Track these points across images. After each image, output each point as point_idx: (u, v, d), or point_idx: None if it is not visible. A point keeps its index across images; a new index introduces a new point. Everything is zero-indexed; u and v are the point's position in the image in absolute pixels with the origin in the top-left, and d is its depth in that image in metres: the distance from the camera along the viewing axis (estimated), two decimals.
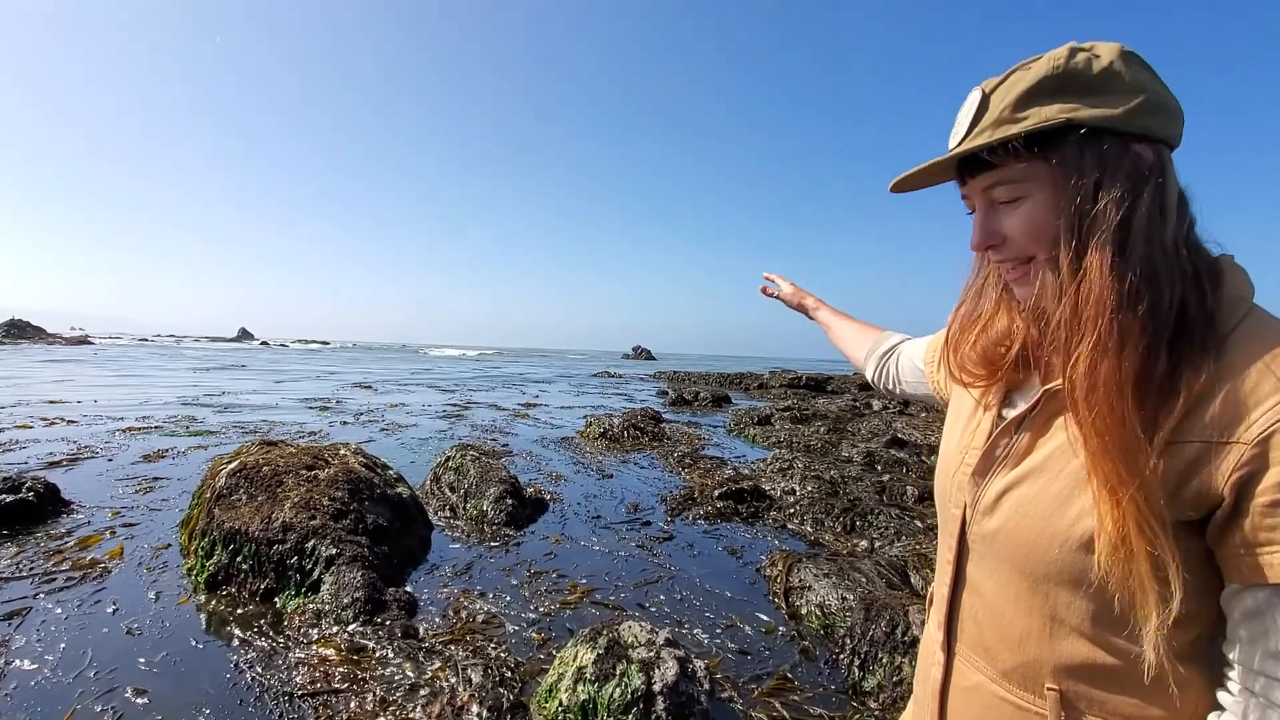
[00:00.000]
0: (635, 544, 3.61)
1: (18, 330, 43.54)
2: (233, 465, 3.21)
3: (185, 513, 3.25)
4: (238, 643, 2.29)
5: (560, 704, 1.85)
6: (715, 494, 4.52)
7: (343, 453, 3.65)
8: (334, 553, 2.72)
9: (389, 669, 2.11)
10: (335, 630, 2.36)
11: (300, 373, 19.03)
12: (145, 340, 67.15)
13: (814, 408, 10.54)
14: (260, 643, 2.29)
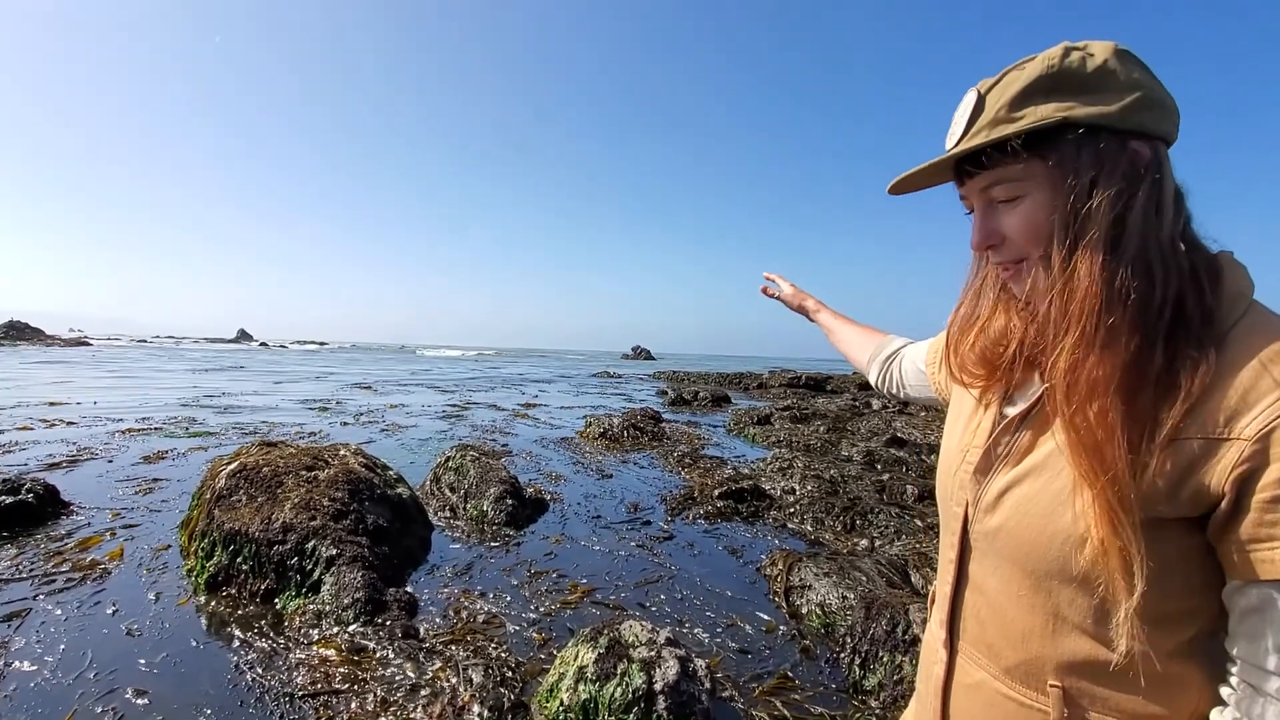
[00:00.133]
0: (635, 544, 3.62)
1: (16, 332, 43.49)
2: (233, 466, 3.21)
3: (185, 514, 3.25)
4: (238, 643, 2.29)
5: (561, 704, 1.85)
6: (715, 493, 4.52)
7: (343, 453, 3.65)
8: (334, 553, 2.72)
9: (390, 669, 2.11)
10: (336, 631, 2.36)
11: (299, 373, 19.01)
12: (144, 341, 67.07)
13: (813, 407, 10.55)
14: (261, 643, 2.29)
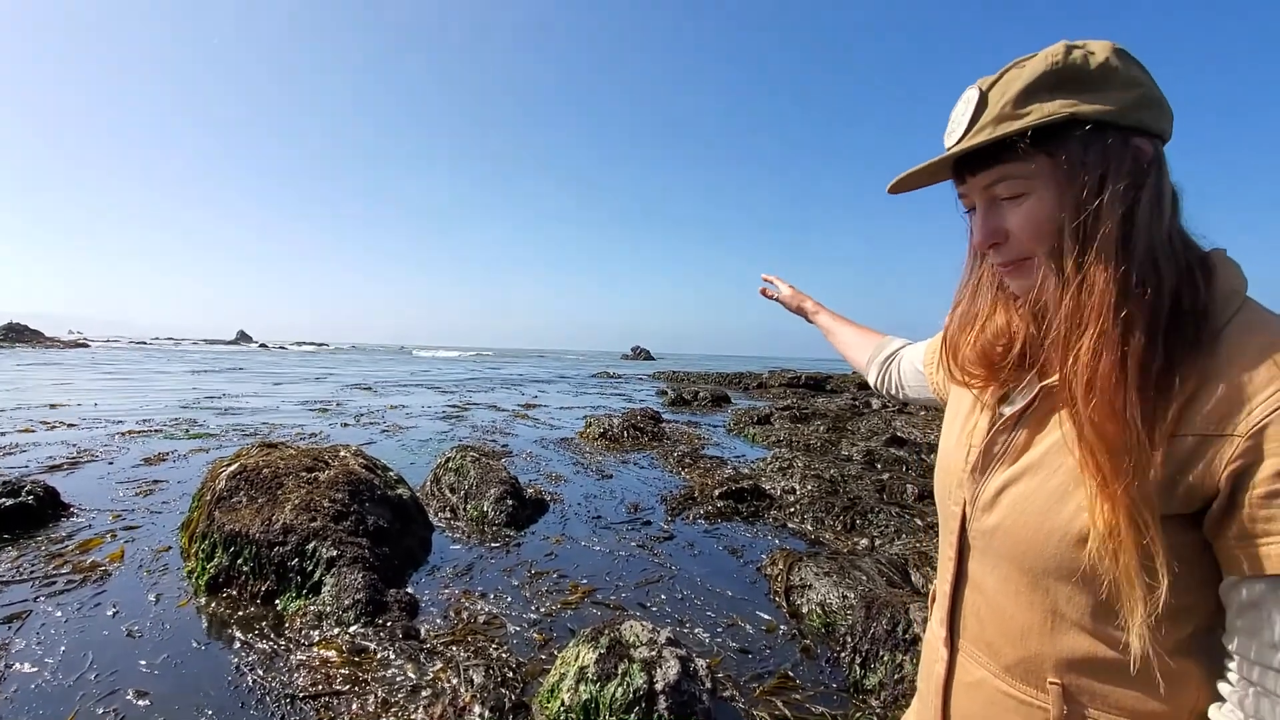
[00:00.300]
0: (636, 544, 3.62)
1: (15, 334, 43.49)
2: (233, 468, 3.21)
3: (185, 515, 3.25)
4: (239, 645, 2.29)
5: (562, 704, 1.85)
6: (715, 493, 4.53)
7: (343, 454, 3.65)
8: (335, 554, 2.72)
9: (390, 670, 2.11)
10: (336, 632, 2.36)
11: (299, 375, 19.01)
12: (143, 343, 67.03)
13: (813, 407, 10.55)
14: (261, 645, 2.29)
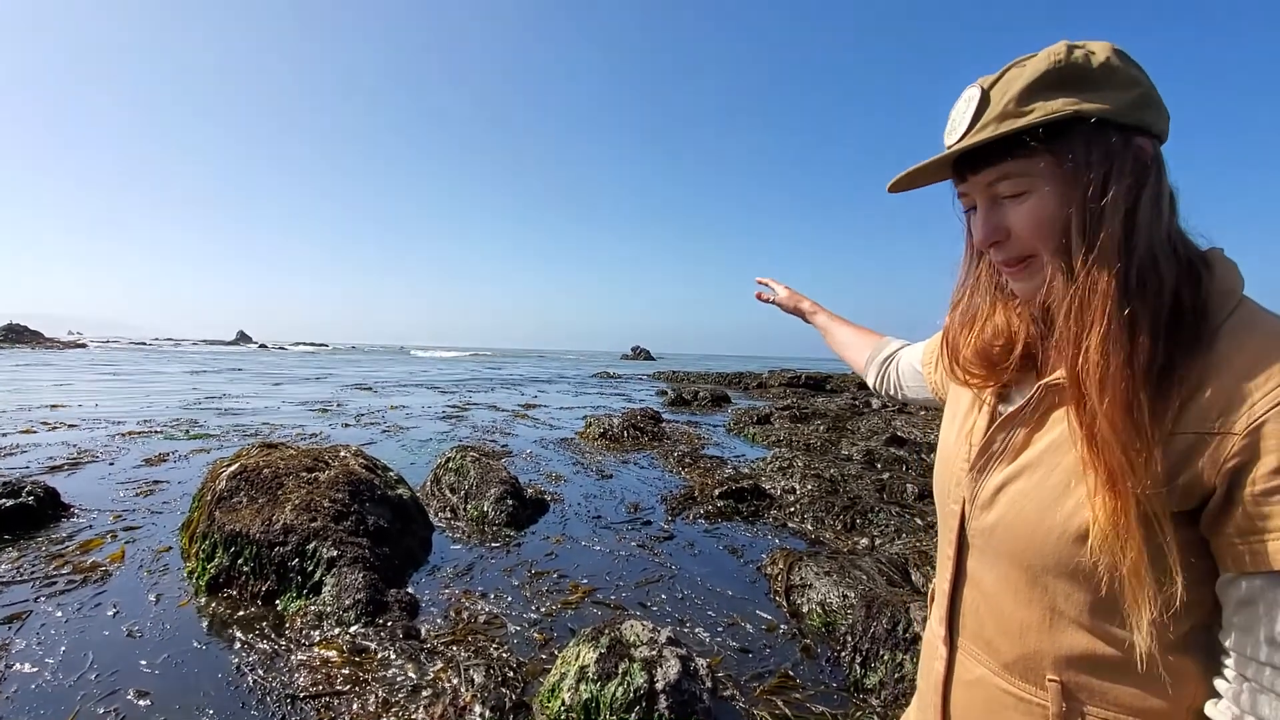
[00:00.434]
0: (636, 544, 3.62)
1: (15, 334, 43.50)
2: (233, 468, 3.21)
3: (186, 516, 3.25)
4: (239, 645, 2.29)
5: (563, 703, 1.86)
6: (715, 493, 4.53)
7: (343, 454, 3.65)
8: (335, 554, 2.73)
9: (391, 670, 2.11)
10: (337, 632, 2.36)
11: (299, 375, 19.01)
12: (143, 344, 67.01)
13: (813, 406, 10.55)
14: (262, 645, 2.29)
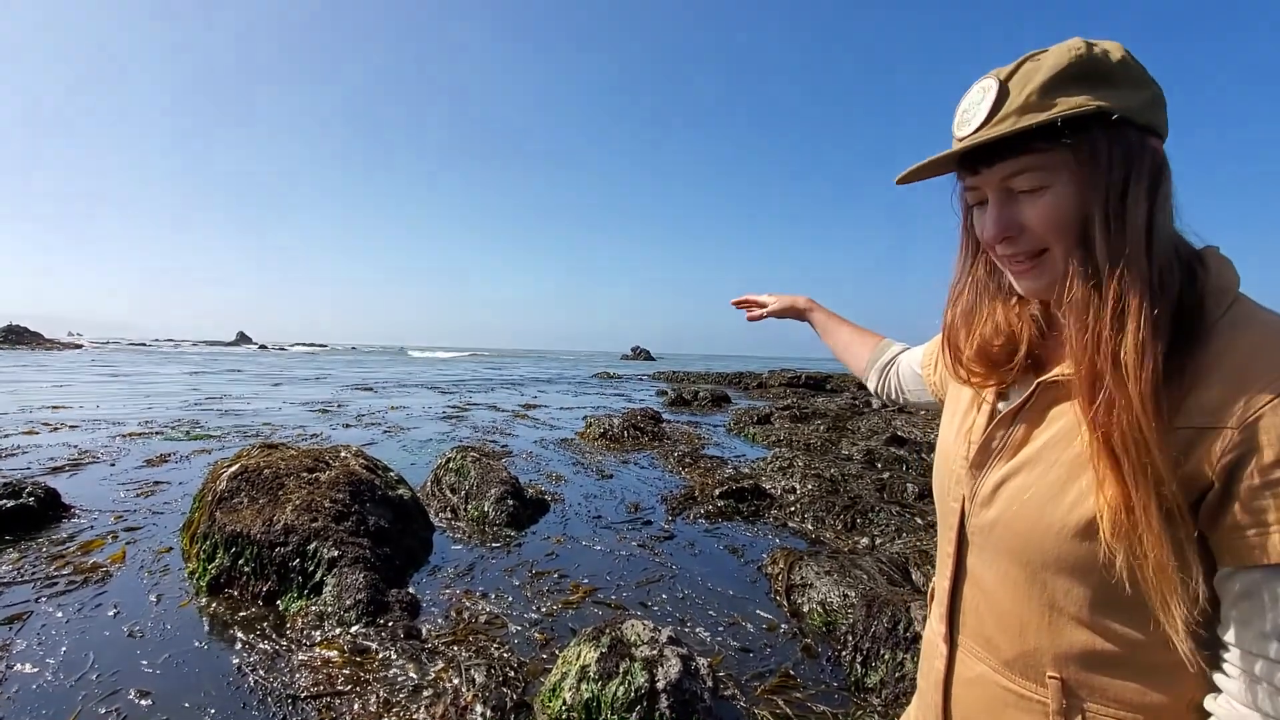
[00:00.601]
0: (636, 543, 3.62)
1: (15, 336, 43.51)
2: (234, 468, 3.21)
3: (187, 516, 3.25)
4: (240, 645, 2.29)
5: (564, 703, 1.86)
6: (716, 493, 4.53)
7: (344, 455, 3.66)
8: (336, 555, 2.73)
9: (392, 670, 2.11)
10: (338, 632, 2.36)
11: (299, 376, 19.02)
12: (143, 345, 66.98)
13: (813, 406, 10.56)
14: (263, 645, 2.29)
